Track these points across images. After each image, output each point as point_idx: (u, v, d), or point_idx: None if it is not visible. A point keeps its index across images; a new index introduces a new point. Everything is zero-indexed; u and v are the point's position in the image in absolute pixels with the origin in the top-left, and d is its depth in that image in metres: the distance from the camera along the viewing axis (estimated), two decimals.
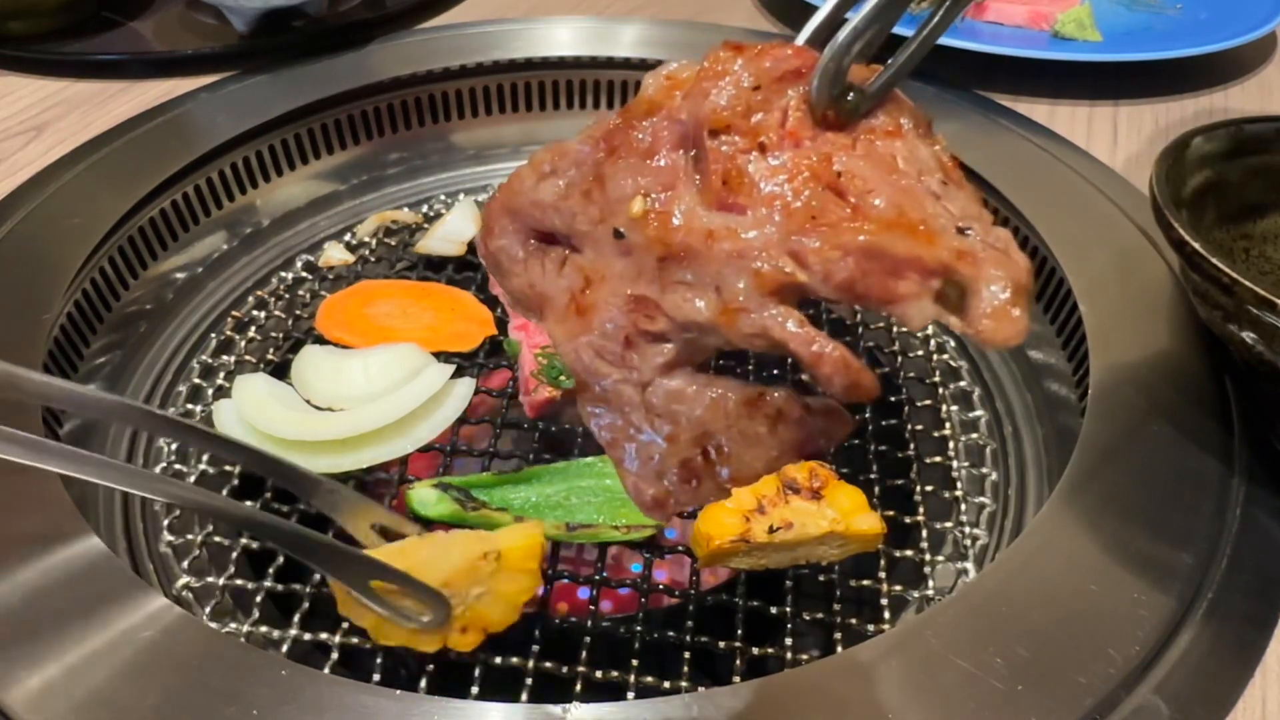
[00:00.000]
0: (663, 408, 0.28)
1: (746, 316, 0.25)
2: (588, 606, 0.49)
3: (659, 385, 0.28)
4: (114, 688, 0.37)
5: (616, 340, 0.28)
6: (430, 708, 0.37)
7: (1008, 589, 0.41)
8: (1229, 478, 0.47)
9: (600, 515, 0.51)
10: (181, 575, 0.50)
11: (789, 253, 0.25)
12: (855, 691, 0.38)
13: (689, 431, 0.28)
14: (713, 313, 0.26)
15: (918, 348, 0.65)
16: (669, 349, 0.27)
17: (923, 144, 0.26)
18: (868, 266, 0.24)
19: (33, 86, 0.78)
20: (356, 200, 0.80)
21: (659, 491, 0.29)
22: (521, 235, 0.30)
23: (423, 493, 0.52)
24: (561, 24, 0.86)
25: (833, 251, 0.24)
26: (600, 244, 0.28)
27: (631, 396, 0.28)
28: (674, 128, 0.27)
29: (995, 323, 0.23)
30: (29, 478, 0.46)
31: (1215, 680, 0.39)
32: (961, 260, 0.24)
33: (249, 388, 0.57)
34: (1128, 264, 0.59)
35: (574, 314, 0.29)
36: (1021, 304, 0.23)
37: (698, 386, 0.28)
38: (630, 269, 0.27)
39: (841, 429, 0.28)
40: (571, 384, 0.57)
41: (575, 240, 0.29)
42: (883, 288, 0.24)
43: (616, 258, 0.28)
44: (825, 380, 0.25)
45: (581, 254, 0.29)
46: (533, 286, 0.30)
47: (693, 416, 0.28)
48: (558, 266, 0.29)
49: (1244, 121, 0.54)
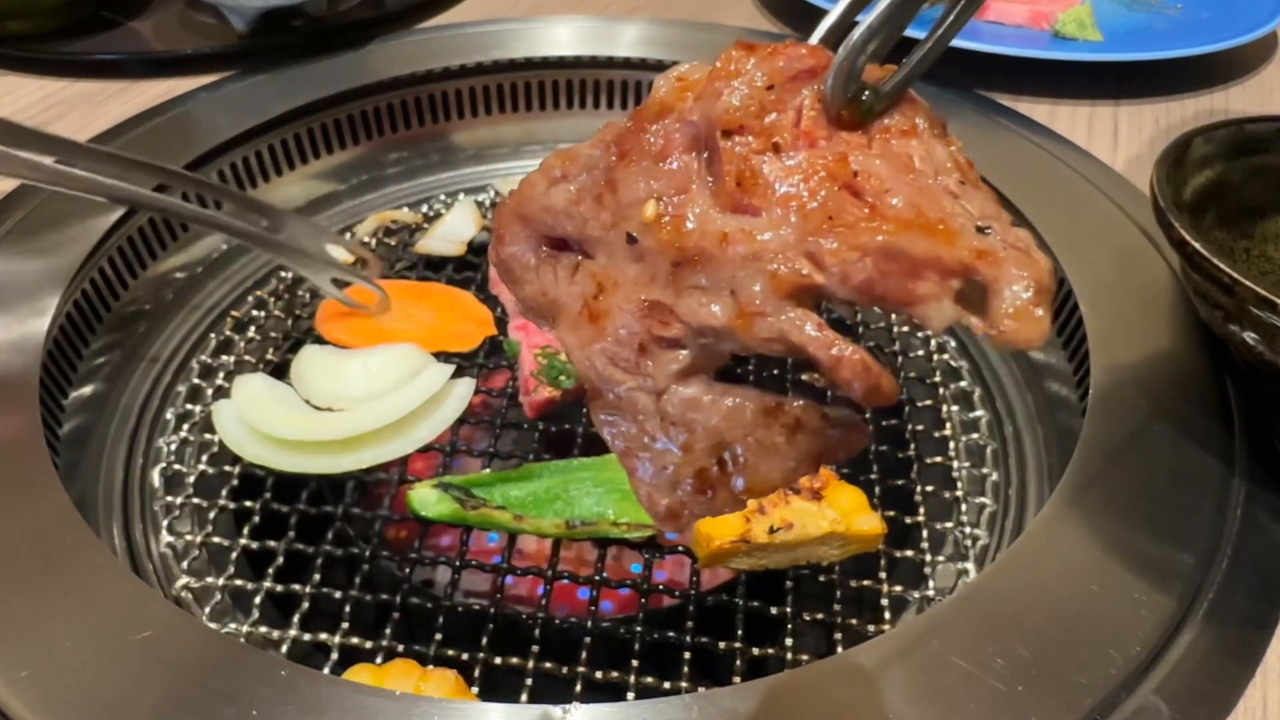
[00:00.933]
0: (678, 416, 0.27)
1: (763, 320, 0.25)
2: (588, 607, 0.49)
3: (674, 393, 0.27)
4: (113, 688, 0.37)
5: (630, 347, 0.27)
6: (430, 708, 0.37)
7: (1008, 589, 0.41)
8: (1229, 478, 0.47)
9: (600, 508, 0.51)
10: (181, 576, 0.50)
11: (806, 254, 0.24)
12: (856, 692, 0.37)
13: (705, 440, 0.27)
14: (729, 317, 0.25)
15: (918, 348, 0.65)
16: (684, 355, 0.27)
17: (939, 144, 0.26)
18: (886, 267, 0.24)
19: (32, 86, 0.78)
20: (356, 200, 0.80)
21: (673, 502, 0.28)
22: (533, 242, 0.30)
23: (423, 493, 0.52)
24: (561, 24, 0.86)
25: (851, 252, 0.24)
26: (613, 249, 0.27)
27: (646, 404, 0.28)
28: (686, 129, 0.27)
29: (1018, 323, 0.23)
30: (29, 478, 0.46)
31: (1216, 681, 0.39)
32: (982, 260, 0.23)
33: (248, 388, 0.57)
34: (1128, 264, 0.59)
35: (587, 321, 0.28)
36: (1045, 304, 0.23)
37: (714, 395, 0.27)
38: (644, 274, 0.27)
39: (859, 440, 0.27)
40: (572, 384, 0.58)
41: (587, 246, 0.28)
42: (902, 289, 0.24)
43: (629, 263, 0.27)
44: (845, 384, 0.24)
45: (594, 260, 0.28)
46: (545, 294, 0.29)
47: (709, 425, 0.27)
48: (570, 273, 0.29)
49: (1244, 121, 0.54)
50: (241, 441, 0.54)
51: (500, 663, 0.45)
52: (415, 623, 0.49)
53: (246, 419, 0.55)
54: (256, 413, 0.55)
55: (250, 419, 0.55)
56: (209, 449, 0.58)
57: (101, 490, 0.56)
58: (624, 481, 0.52)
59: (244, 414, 0.55)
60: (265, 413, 0.55)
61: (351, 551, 0.51)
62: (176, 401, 0.61)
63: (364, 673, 0.42)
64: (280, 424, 0.54)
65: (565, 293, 0.29)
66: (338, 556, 0.51)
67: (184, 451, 0.58)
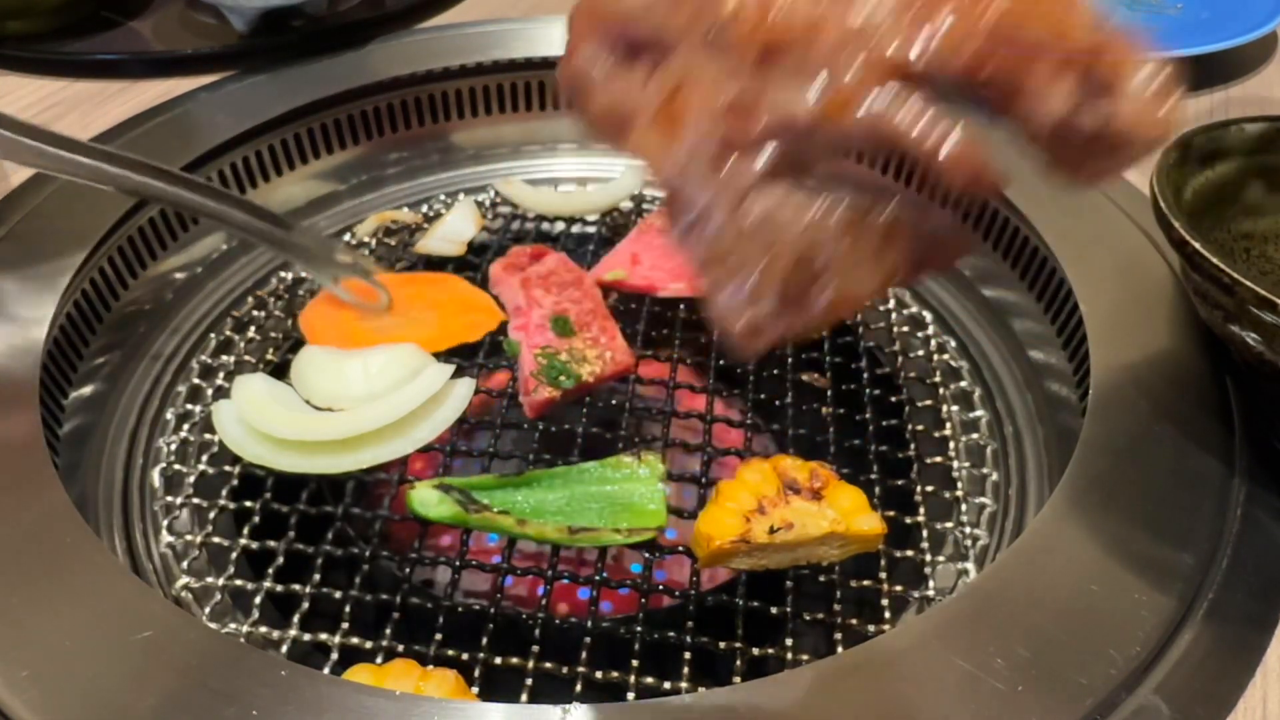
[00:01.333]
0: (761, 223, 0.24)
1: (857, 105, 0.22)
2: (588, 607, 0.49)
3: (757, 198, 0.24)
4: (113, 688, 0.37)
5: (711, 149, 0.25)
6: (430, 708, 0.37)
7: (1008, 589, 0.41)
8: (1230, 478, 0.47)
9: (602, 520, 0.51)
10: (181, 576, 0.50)
11: (904, 34, 0.22)
12: (856, 692, 0.38)
13: (789, 250, 0.24)
14: (820, 105, 0.23)
15: (918, 348, 0.65)
16: (768, 156, 0.24)
17: None
18: (998, 48, 0.21)
19: (32, 86, 0.78)
20: (356, 200, 0.80)
21: (753, 318, 0.25)
22: (607, 46, 0.27)
23: (424, 493, 0.51)
24: (561, 24, 0.86)
25: (959, 30, 0.21)
26: (693, 46, 0.25)
27: (727, 211, 0.25)
28: None
29: (1146, 109, 0.20)
30: (29, 478, 0.46)
31: (1216, 680, 0.39)
32: (1106, 49, 0.21)
33: (248, 388, 0.57)
34: (1128, 264, 0.59)
35: (665, 123, 0.25)
36: (1173, 94, 0.21)
37: (800, 200, 0.24)
38: (725, 71, 0.24)
39: (962, 245, 0.25)
40: (572, 384, 0.58)
41: (665, 47, 0.26)
42: (1014, 72, 0.21)
43: (711, 60, 0.24)
44: (946, 172, 0.22)
45: (672, 61, 0.26)
46: (619, 104, 0.27)
47: (795, 232, 0.24)
48: (645, 77, 0.26)
49: (1245, 121, 0.54)
50: (241, 442, 0.54)
51: (500, 663, 0.45)
52: (415, 623, 0.49)
53: (246, 419, 0.55)
54: (256, 413, 0.55)
55: (250, 419, 0.55)
56: (209, 449, 0.58)
57: (101, 490, 0.56)
58: (627, 488, 0.52)
59: (244, 414, 0.55)
60: (265, 413, 0.55)
61: (351, 551, 0.51)
62: (176, 401, 0.61)
63: (364, 673, 0.42)
64: (280, 424, 0.54)
65: (640, 98, 0.26)
66: (338, 556, 0.51)
67: (184, 451, 0.58)
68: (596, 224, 0.77)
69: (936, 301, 0.71)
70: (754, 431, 0.59)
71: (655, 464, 0.53)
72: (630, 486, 0.52)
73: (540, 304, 0.62)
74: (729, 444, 0.57)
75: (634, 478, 0.53)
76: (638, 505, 0.52)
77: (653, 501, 0.52)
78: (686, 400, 0.65)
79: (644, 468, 0.53)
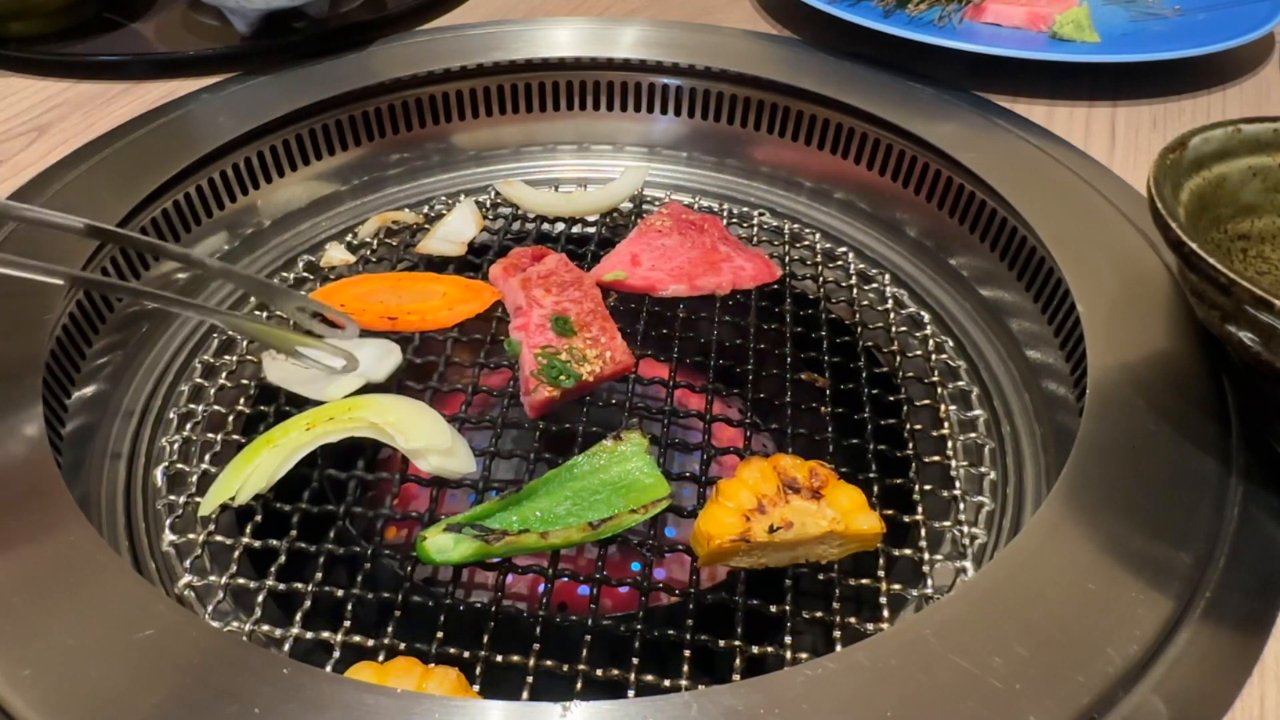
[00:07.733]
0: None
1: None
2: (588, 605, 0.49)
3: None
4: (116, 687, 0.38)
5: None
6: (431, 706, 0.37)
7: (1006, 588, 0.42)
8: (1227, 477, 0.47)
9: (611, 507, 0.51)
10: (183, 575, 0.51)
11: None
12: (854, 690, 0.38)
13: None
14: None
15: (916, 348, 0.66)
16: None
17: None
18: None
19: (35, 87, 0.79)
20: (358, 201, 0.80)
21: None
22: None
23: (438, 541, 0.49)
24: (562, 25, 0.86)
25: None
26: None
27: None
28: None
29: None
30: (32, 478, 0.46)
31: (1213, 680, 0.39)
32: None
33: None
34: (1125, 264, 0.59)
35: None
36: None
37: None
38: None
39: None
40: (572, 384, 0.58)
41: None
42: None
43: None
44: None
45: None
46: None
47: None
48: None
49: (1242, 122, 0.54)
50: None
51: (501, 660, 0.46)
52: (417, 621, 0.49)
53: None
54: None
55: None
56: (211, 448, 0.58)
57: (104, 489, 0.56)
58: (620, 470, 0.53)
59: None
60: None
61: (353, 550, 0.51)
62: (179, 401, 0.62)
63: (366, 671, 0.43)
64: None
65: None
66: (339, 555, 0.51)
67: (186, 451, 0.59)
68: (596, 224, 0.77)
69: (935, 301, 0.71)
70: (753, 430, 0.59)
71: (636, 439, 0.53)
72: (623, 467, 0.52)
73: (540, 304, 0.62)
74: (728, 443, 0.58)
75: (622, 458, 0.53)
76: (638, 481, 0.52)
77: (649, 475, 0.52)
78: (686, 400, 0.65)
79: (627, 445, 0.53)
